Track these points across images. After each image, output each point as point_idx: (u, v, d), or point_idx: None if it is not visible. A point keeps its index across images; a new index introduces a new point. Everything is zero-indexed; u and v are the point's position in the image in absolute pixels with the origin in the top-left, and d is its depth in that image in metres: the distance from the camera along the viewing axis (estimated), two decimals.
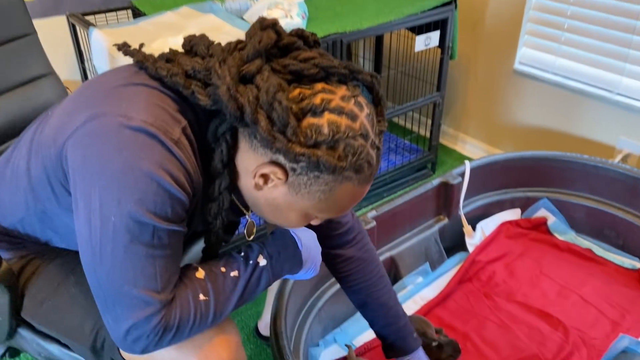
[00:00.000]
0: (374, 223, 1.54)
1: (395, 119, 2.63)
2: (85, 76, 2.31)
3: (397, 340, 1.19)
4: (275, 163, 0.74)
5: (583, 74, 2.03)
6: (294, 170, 0.73)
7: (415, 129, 2.47)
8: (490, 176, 1.86)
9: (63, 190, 0.79)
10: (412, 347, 1.20)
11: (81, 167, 0.72)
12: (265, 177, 0.76)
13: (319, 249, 0.99)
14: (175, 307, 0.76)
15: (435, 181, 1.72)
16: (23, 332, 0.98)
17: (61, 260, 0.96)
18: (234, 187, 0.82)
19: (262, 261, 0.87)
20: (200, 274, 0.81)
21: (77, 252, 0.95)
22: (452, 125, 2.60)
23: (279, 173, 0.74)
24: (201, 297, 0.79)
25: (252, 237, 0.96)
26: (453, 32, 2.08)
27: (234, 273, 0.84)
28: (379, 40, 2.26)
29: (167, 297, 0.75)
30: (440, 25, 2.04)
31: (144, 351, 0.76)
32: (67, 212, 0.82)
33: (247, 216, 0.94)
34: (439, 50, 2.12)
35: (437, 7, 1.98)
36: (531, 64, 2.17)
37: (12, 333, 0.97)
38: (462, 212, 1.81)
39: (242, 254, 0.87)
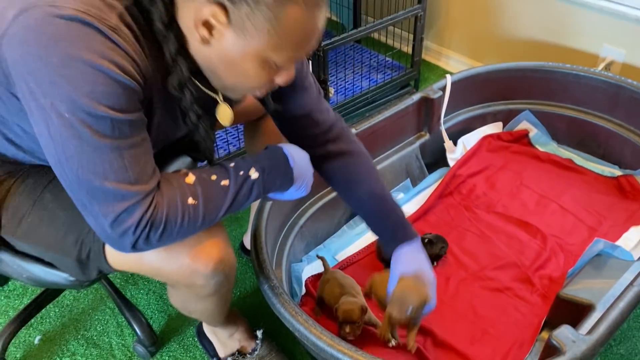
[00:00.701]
0: None
1: (375, 35, 2.54)
2: None
3: (397, 229, 1.14)
4: (211, 1, 0.70)
5: None
6: (232, 2, 0.70)
7: (396, 45, 2.40)
8: (471, 90, 1.83)
9: (8, 94, 0.76)
10: (414, 234, 1.14)
11: (22, 68, 0.69)
12: (208, 26, 0.73)
13: (311, 169, 0.99)
14: (163, 205, 0.76)
15: (416, 96, 1.69)
16: (2, 255, 0.98)
17: (33, 179, 0.95)
18: (186, 53, 0.78)
19: (254, 174, 0.87)
20: (190, 179, 0.81)
21: (47, 168, 0.93)
22: (435, 40, 2.53)
23: (219, 14, 0.71)
24: (190, 200, 0.79)
25: (229, 124, 0.94)
26: None
27: (224, 182, 0.84)
28: None
29: (144, 188, 0.74)
30: None
31: (134, 247, 0.77)
32: (20, 116, 0.79)
33: (218, 98, 0.91)
34: None
35: None
36: None
37: None
38: (443, 127, 1.79)
39: (233, 164, 0.87)
